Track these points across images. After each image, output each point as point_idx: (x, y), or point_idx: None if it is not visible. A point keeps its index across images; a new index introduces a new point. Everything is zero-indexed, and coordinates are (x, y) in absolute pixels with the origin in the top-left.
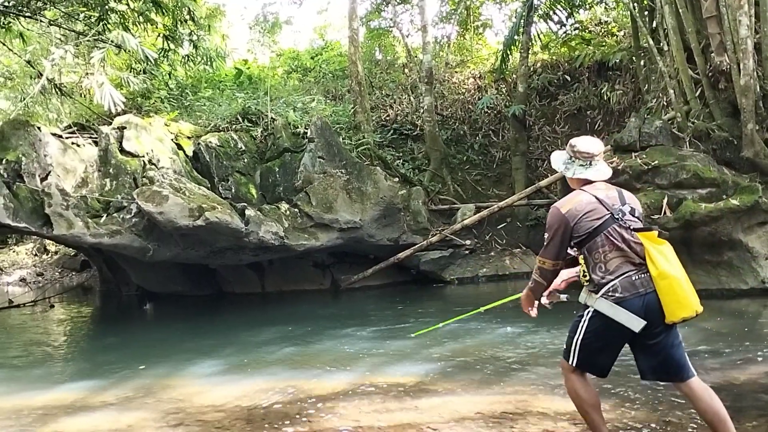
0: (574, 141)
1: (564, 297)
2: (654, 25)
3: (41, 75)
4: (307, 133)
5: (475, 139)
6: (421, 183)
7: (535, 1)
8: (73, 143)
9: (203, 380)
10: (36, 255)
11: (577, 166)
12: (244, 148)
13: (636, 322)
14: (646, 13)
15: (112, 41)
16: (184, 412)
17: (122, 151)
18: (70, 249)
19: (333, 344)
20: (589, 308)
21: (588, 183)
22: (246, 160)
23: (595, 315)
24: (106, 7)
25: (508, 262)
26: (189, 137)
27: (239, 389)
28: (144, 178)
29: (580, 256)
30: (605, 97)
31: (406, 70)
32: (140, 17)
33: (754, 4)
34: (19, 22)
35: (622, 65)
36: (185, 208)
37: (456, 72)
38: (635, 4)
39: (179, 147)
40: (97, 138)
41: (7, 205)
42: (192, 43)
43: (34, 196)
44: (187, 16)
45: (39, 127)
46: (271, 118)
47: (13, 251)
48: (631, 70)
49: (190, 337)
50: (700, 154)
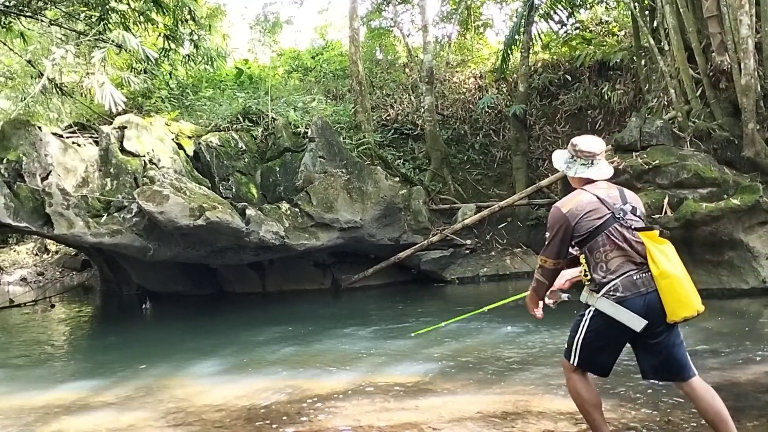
0: (575, 140)
1: (565, 296)
2: (655, 25)
3: (42, 75)
4: (307, 133)
5: (476, 139)
6: (421, 182)
7: (536, 0)
8: (73, 143)
9: (204, 380)
10: (37, 254)
11: (579, 165)
12: (244, 147)
13: (637, 322)
14: (647, 12)
15: (113, 41)
16: (185, 412)
17: (123, 150)
18: (71, 248)
19: (333, 344)
20: (590, 308)
21: (590, 182)
22: (247, 160)
23: (597, 314)
24: (107, 6)
25: (509, 262)
26: (190, 137)
27: (240, 389)
28: (145, 178)
29: (582, 255)
30: (606, 97)
31: (407, 70)
32: (141, 17)
33: (755, 4)
34: (20, 22)
35: (623, 65)
36: (186, 208)
37: (457, 72)
38: (636, 4)
39: (180, 147)
40: (97, 138)
41: (8, 205)
42: (193, 43)
43: (34, 196)
44: (188, 16)
45: (40, 127)
46: (272, 117)
47: (14, 251)
48: (632, 70)
49: (191, 336)
50: (701, 153)
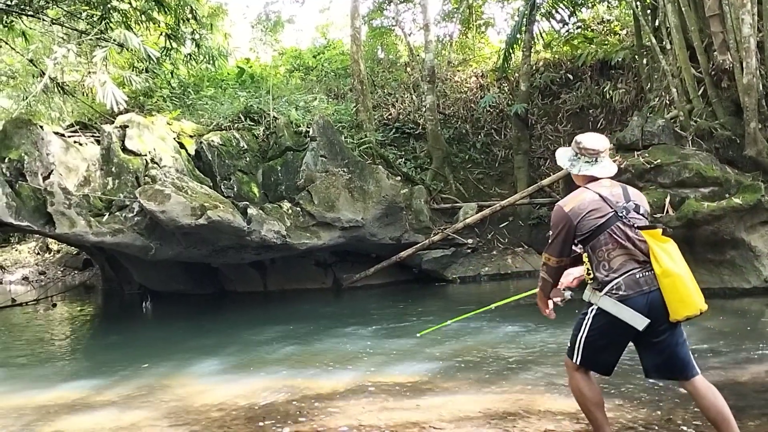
0: (579, 137)
1: (569, 294)
2: (657, 24)
3: (44, 74)
4: (309, 132)
5: (478, 138)
6: (423, 182)
7: None
8: (75, 142)
9: (205, 379)
10: (38, 254)
11: (583, 163)
12: (246, 146)
13: (640, 320)
14: (649, 11)
15: (115, 40)
16: (186, 411)
17: (124, 149)
18: (73, 248)
19: (334, 343)
20: (593, 306)
21: (593, 180)
22: (248, 159)
23: (599, 313)
24: (109, 5)
25: (510, 261)
26: (191, 136)
27: (241, 388)
28: (146, 177)
29: (584, 254)
30: (608, 96)
31: (408, 69)
32: (143, 16)
33: (757, 3)
34: (22, 21)
35: (625, 64)
36: (187, 207)
37: (458, 71)
38: (638, 3)
39: (181, 146)
40: (99, 137)
41: (10, 204)
42: (194, 42)
43: (36, 195)
44: (190, 15)
45: (41, 126)
46: (274, 116)
47: (16, 250)
48: (634, 69)
49: (192, 335)
50: (703, 152)
